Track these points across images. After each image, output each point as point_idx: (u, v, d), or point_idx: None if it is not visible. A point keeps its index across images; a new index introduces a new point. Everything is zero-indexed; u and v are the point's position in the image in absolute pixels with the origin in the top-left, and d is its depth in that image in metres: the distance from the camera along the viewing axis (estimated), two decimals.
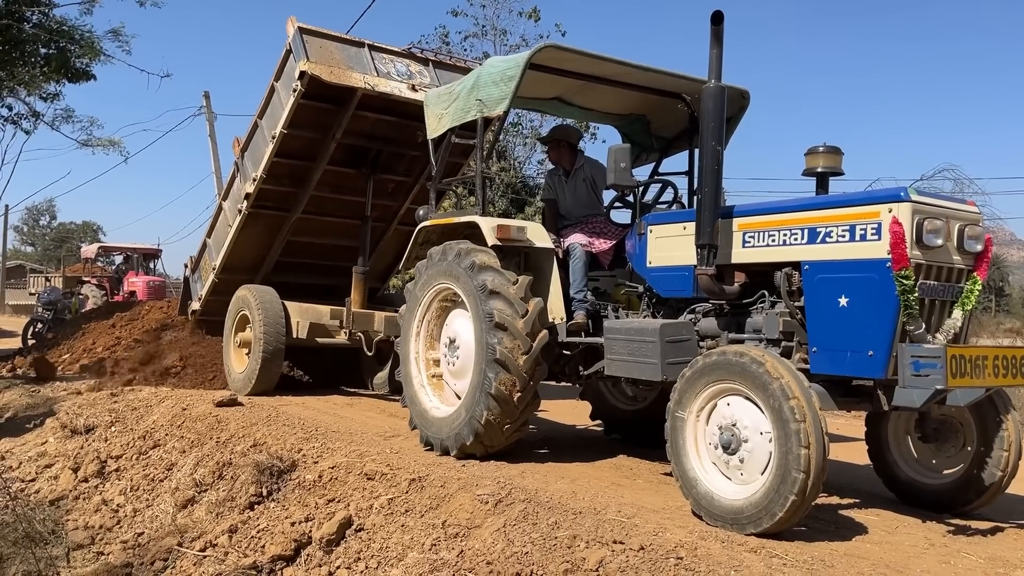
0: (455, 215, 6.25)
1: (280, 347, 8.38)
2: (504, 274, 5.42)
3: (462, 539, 4.07)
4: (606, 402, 7.03)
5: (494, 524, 4.05)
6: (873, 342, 4.19)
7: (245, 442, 6.19)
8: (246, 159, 8.99)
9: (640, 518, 4.14)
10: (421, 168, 9.16)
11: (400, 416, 7.58)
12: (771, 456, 3.97)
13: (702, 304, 5.17)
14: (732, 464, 4.21)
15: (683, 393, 4.41)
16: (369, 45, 8.37)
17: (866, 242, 4.26)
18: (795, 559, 3.67)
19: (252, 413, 7.03)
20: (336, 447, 5.61)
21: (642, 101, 6.59)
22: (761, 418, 4.06)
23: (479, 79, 5.86)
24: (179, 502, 5.88)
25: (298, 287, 9.23)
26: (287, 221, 9.14)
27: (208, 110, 22.04)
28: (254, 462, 5.54)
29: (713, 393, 4.31)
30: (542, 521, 3.96)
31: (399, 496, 4.66)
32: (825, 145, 4.94)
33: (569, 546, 3.67)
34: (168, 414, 7.42)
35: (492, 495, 4.32)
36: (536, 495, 4.38)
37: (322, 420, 6.92)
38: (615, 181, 5.26)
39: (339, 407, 8.06)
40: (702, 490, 4.29)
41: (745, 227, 4.86)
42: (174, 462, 6.55)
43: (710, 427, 4.34)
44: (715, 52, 4.71)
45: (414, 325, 6.20)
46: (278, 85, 8.42)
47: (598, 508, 4.27)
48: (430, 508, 4.45)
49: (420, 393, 6.09)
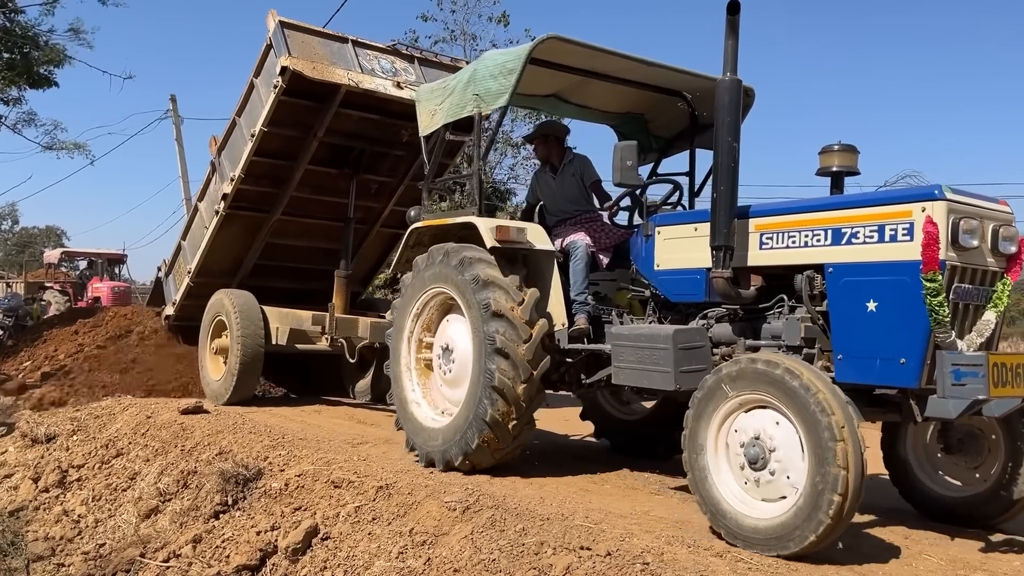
0: (450, 216, 5.90)
1: (259, 354, 8.05)
2: (510, 292, 5.10)
3: (429, 547, 4.02)
4: (602, 411, 6.74)
5: (462, 531, 4.00)
6: (905, 349, 3.91)
7: (210, 450, 6.08)
8: (223, 158, 8.64)
9: (607, 524, 4.09)
10: (406, 168, 8.91)
11: (368, 423, 7.56)
12: (803, 474, 3.69)
13: (714, 309, 4.87)
14: (758, 481, 3.90)
15: (704, 404, 4.09)
16: (353, 41, 8.06)
17: (897, 243, 3.97)
18: (760, 563, 3.62)
19: (218, 421, 6.90)
20: (303, 455, 5.51)
21: (641, 99, 6.34)
22: (791, 432, 3.77)
23: (476, 73, 5.55)
24: (142, 512, 5.77)
25: (276, 291, 8.93)
26: (266, 223, 8.80)
27: (175, 114, 21.68)
28: (219, 470, 5.43)
29: (738, 404, 4.00)
30: (510, 528, 3.90)
31: (366, 504, 4.57)
32: (840, 143, 4.70)
33: (536, 552, 3.64)
34: (132, 422, 7.25)
35: (460, 502, 4.27)
36: (504, 502, 4.32)
37: (289, 427, 6.80)
38: (621, 180, 4.96)
39: (307, 414, 7.91)
40: (723, 507, 3.97)
41: (763, 228, 4.57)
42: (137, 471, 6.42)
43: (733, 440, 4.03)
44: (731, 44, 4.43)
45: (404, 336, 5.85)
46: (258, 81, 8.09)
47: (566, 514, 4.22)
48: (397, 516, 4.38)
49: (415, 409, 5.73)
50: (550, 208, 6.20)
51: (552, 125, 6.41)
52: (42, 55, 13.75)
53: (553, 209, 6.17)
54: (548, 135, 6.29)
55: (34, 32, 13.76)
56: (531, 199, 6.41)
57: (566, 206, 6.10)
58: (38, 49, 13.69)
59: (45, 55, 13.76)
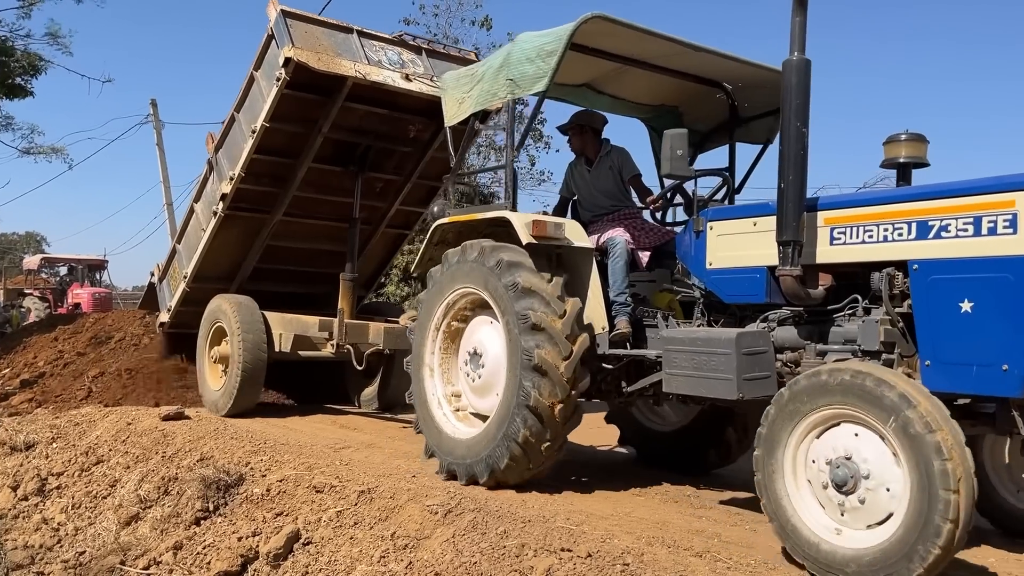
0: (480, 211, 5.46)
1: (261, 362, 7.60)
2: (551, 303, 4.70)
3: (411, 550, 3.99)
4: (635, 423, 6.24)
5: (443, 535, 3.98)
6: (1008, 354, 3.46)
7: (192, 456, 6.01)
8: (221, 157, 8.13)
9: (588, 525, 4.08)
10: (413, 166, 8.50)
11: (351, 428, 7.50)
12: (904, 499, 3.29)
13: (776, 311, 4.40)
14: (847, 506, 3.48)
15: (781, 419, 3.67)
16: (358, 31, 7.61)
17: (996, 236, 3.52)
18: (739, 562, 3.62)
19: (199, 427, 6.82)
20: (285, 460, 5.47)
21: (676, 91, 5.92)
22: (885, 451, 3.39)
23: (510, 57, 5.11)
24: (122, 519, 5.69)
25: (276, 296, 8.48)
26: (267, 224, 8.26)
27: (155, 118, 21.42)
28: (200, 476, 5.38)
29: (821, 419, 3.59)
30: (491, 530, 3.88)
31: (348, 508, 4.53)
32: (908, 132, 4.34)
33: (517, 555, 3.62)
34: (112, 429, 7.14)
35: (442, 505, 4.25)
36: (486, 504, 4.29)
37: (271, 433, 6.70)
38: (671, 171, 4.53)
39: (289, 419, 7.80)
40: (805, 536, 3.55)
41: (833, 222, 4.13)
42: (118, 478, 6.32)
43: (816, 460, 3.60)
44: (798, 20, 4.05)
45: (428, 336, 5.42)
46: (258, 75, 7.60)
47: (547, 516, 4.20)
48: (379, 520, 4.34)
49: (437, 414, 5.34)
50: (585, 203, 5.79)
51: (589, 115, 5.94)
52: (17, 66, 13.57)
53: (588, 204, 5.76)
54: (584, 125, 5.84)
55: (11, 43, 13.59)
56: (565, 193, 5.98)
57: (602, 201, 5.69)
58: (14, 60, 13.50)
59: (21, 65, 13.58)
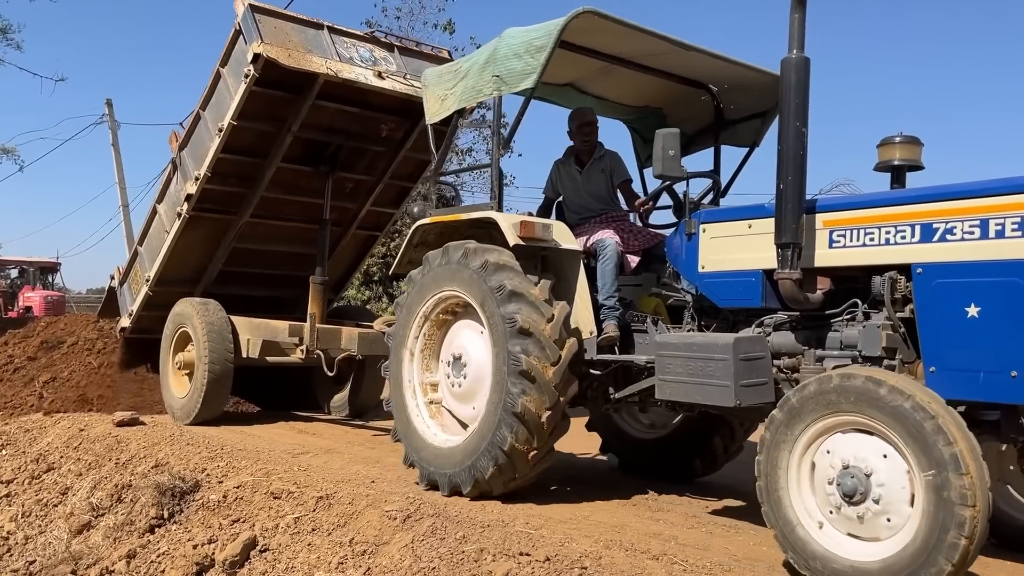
0: (464, 211, 5.28)
1: (228, 368, 7.37)
2: (539, 307, 4.56)
3: (369, 556, 3.95)
4: (614, 426, 6.05)
5: (402, 540, 3.95)
6: (1017, 360, 3.36)
7: (146, 463, 5.89)
8: (186, 156, 7.83)
9: (547, 529, 4.07)
10: (385, 166, 8.29)
11: (310, 433, 7.42)
12: (917, 512, 3.19)
13: (771, 316, 4.27)
14: (868, 516, 3.35)
15: (787, 424, 3.54)
16: (329, 27, 7.38)
17: (1004, 239, 3.41)
18: (695, 564, 3.64)
19: (154, 433, 6.70)
20: (242, 466, 5.40)
21: (660, 92, 5.79)
22: (899, 462, 3.28)
23: (496, 52, 4.95)
24: (74, 528, 5.57)
25: (243, 300, 8.22)
26: (234, 225, 7.95)
27: (111, 118, 21.08)
28: (155, 483, 5.29)
29: (828, 427, 3.47)
30: (450, 535, 3.86)
31: (306, 514, 4.48)
32: (902, 135, 4.24)
33: (476, 559, 3.61)
34: (64, 435, 6.97)
35: (400, 511, 4.21)
36: (445, 509, 4.27)
37: (228, 438, 6.57)
38: (664, 171, 4.37)
39: (247, 425, 7.76)
40: (811, 548, 3.44)
41: (833, 224, 4.00)
42: (69, 486, 6.17)
43: (823, 470, 3.48)
44: (797, 17, 3.94)
45: (408, 340, 5.23)
46: (225, 71, 7.32)
47: (506, 520, 4.17)
48: (338, 526, 4.29)
49: (417, 421, 5.15)
50: (571, 205, 5.61)
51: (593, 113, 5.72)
52: None
53: (575, 206, 5.58)
54: (593, 123, 5.61)
55: None
56: (550, 193, 5.76)
57: (591, 203, 5.52)
58: None
59: None
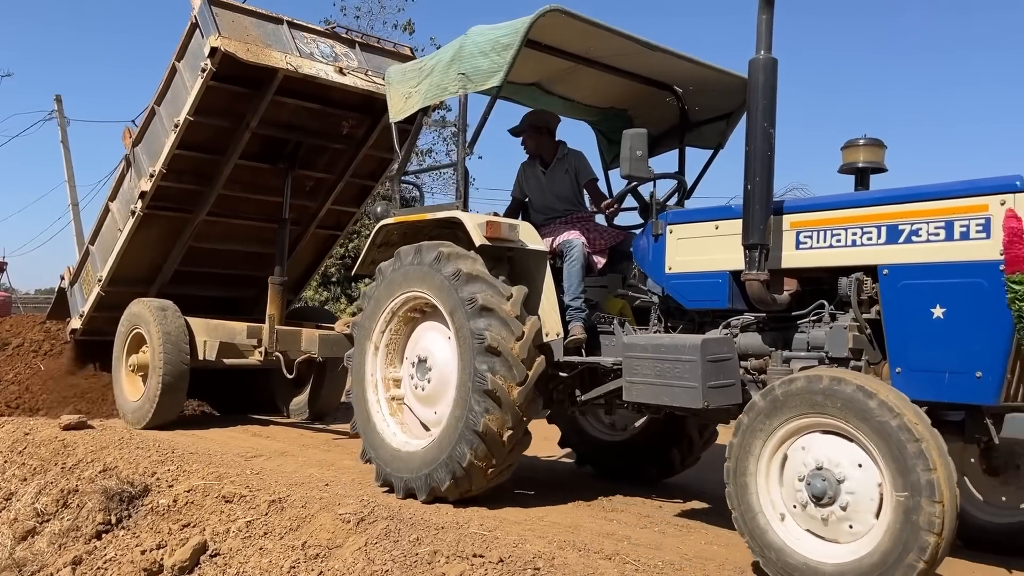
0: (429, 211, 5.21)
1: (184, 371, 7.20)
2: (498, 287, 4.56)
3: (322, 560, 3.91)
4: (581, 430, 6.01)
5: (355, 543, 3.91)
6: (982, 361, 3.37)
7: (94, 467, 5.74)
8: (140, 152, 7.63)
9: (501, 530, 4.09)
10: (345, 163, 8.15)
11: (263, 436, 7.31)
12: (886, 512, 3.19)
13: (739, 317, 4.26)
14: (831, 519, 3.35)
15: (755, 428, 3.52)
16: (288, 22, 7.25)
17: (969, 241, 3.44)
18: (647, 564, 3.68)
19: (103, 436, 6.52)
20: (193, 469, 5.30)
21: (625, 93, 5.78)
22: (867, 463, 3.27)
23: (462, 50, 4.91)
24: (18, 534, 5.45)
25: (199, 300, 8.06)
26: (190, 224, 7.79)
27: (60, 115, 20.61)
28: (102, 488, 5.18)
29: (798, 428, 3.46)
30: (404, 538, 3.85)
31: (258, 518, 4.40)
32: (866, 137, 4.26)
33: (429, 562, 3.60)
34: (8, 440, 6.75)
35: (354, 514, 4.18)
36: (399, 512, 4.26)
37: (179, 441, 6.47)
38: (631, 171, 4.34)
39: (199, 427, 7.58)
40: (770, 538, 3.46)
41: (800, 225, 4.00)
42: (13, 491, 6.00)
43: (792, 472, 3.46)
44: (765, 18, 3.95)
45: (371, 340, 5.15)
46: (181, 65, 7.14)
47: (460, 523, 4.19)
48: (290, 529, 4.24)
49: (376, 417, 5.10)
50: (537, 205, 5.61)
51: (543, 115, 5.73)
52: None
53: (541, 207, 5.58)
54: (539, 127, 5.65)
55: None
56: (517, 194, 5.77)
57: (556, 204, 5.52)
58: None
59: None
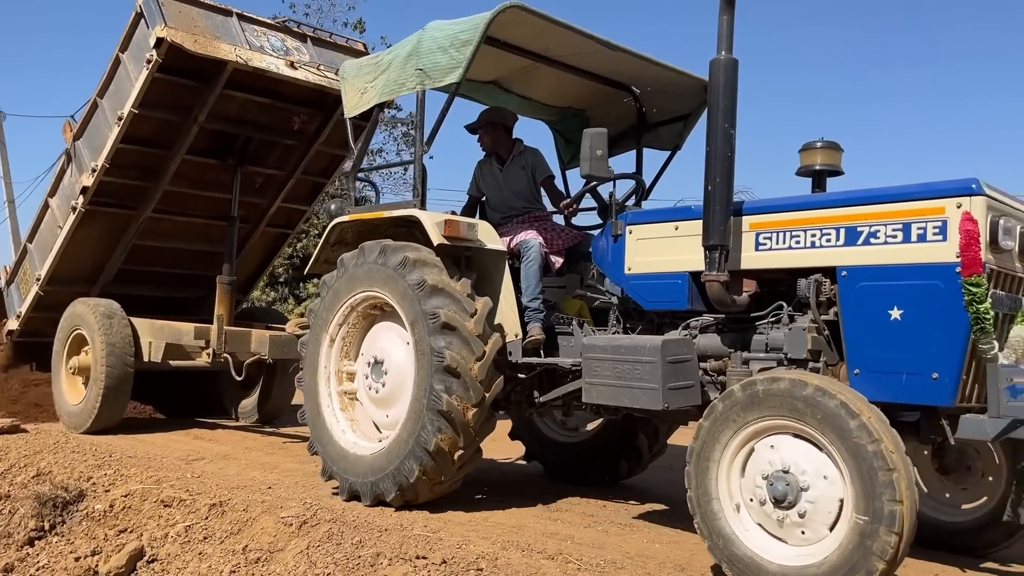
0: (385, 208, 5.12)
1: (128, 373, 7.04)
2: (462, 302, 4.49)
3: (263, 564, 3.86)
4: (536, 432, 5.97)
5: (297, 547, 3.86)
6: (939, 363, 3.39)
7: (27, 472, 5.59)
8: (81, 146, 7.41)
9: (446, 532, 4.09)
10: (296, 160, 7.98)
11: (205, 439, 7.20)
12: (848, 512, 3.18)
13: (698, 318, 4.25)
14: (786, 521, 3.32)
15: (714, 433, 3.49)
16: (238, 14, 7.09)
17: (926, 243, 3.47)
18: (589, 563, 3.72)
19: (37, 440, 6.32)
20: (131, 473, 5.17)
21: (583, 93, 5.76)
22: (826, 463, 3.25)
23: (420, 45, 4.82)
24: None
25: (144, 300, 7.88)
26: (134, 221, 7.59)
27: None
28: (35, 494, 5.03)
29: (769, 428, 3.41)
30: (346, 541, 3.79)
31: (198, 523, 4.33)
32: (823, 140, 4.28)
33: (372, 564, 3.56)
34: None
35: (297, 517, 4.13)
36: (342, 515, 4.21)
37: (118, 445, 6.32)
38: (591, 171, 4.30)
39: (139, 430, 7.43)
40: (720, 525, 3.46)
41: (759, 226, 4.00)
42: None
43: (753, 474, 3.44)
44: (726, 19, 3.94)
45: (328, 332, 5.07)
46: (125, 56, 6.95)
47: (404, 524, 4.18)
48: (231, 533, 4.17)
49: (328, 416, 5.02)
50: (494, 204, 5.54)
51: (499, 112, 5.66)
52: None
53: (498, 205, 5.51)
54: (496, 123, 5.58)
55: None
56: (473, 192, 5.69)
57: (514, 202, 5.46)
58: None
59: None
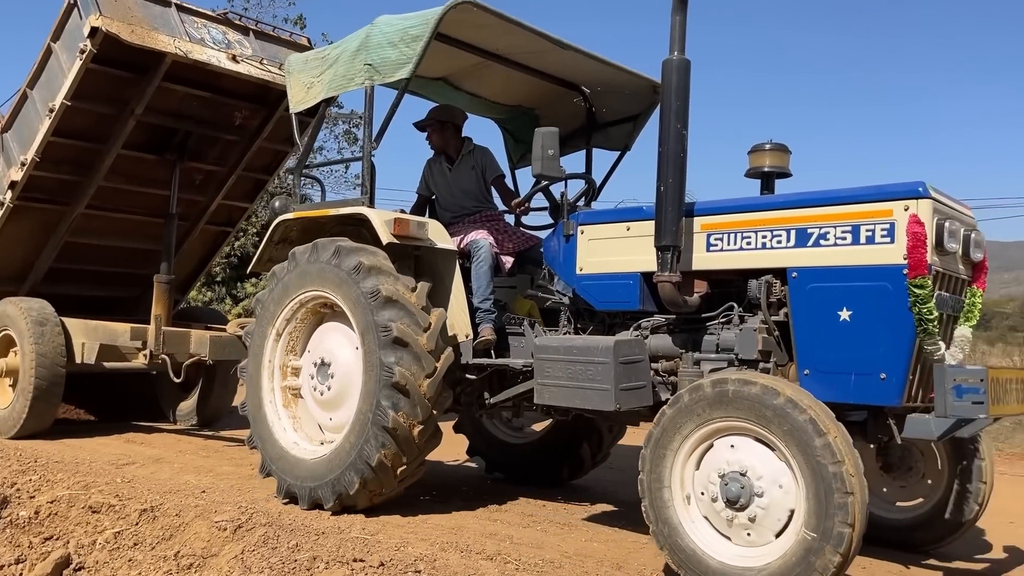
0: (332, 206, 5.02)
1: (59, 375, 6.81)
2: (416, 315, 4.40)
3: (196, 570, 3.75)
4: (482, 430, 5.90)
5: (232, 551, 3.77)
6: (886, 363, 3.44)
7: None
8: (10, 139, 7.15)
9: (384, 534, 4.05)
10: (238, 156, 7.74)
11: (137, 442, 7.05)
12: (800, 509, 3.19)
13: (649, 319, 4.25)
14: (735, 522, 3.32)
15: (677, 422, 3.47)
16: (176, 5, 6.85)
17: (874, 245, 3.51)
18: (527, 563, 3.72)
19: None
20: (58, 479, 5.03)
21: (533, 92, 5.72)
22: (775, 460, 3.27)
23: (369, 40, 4.74)
24: None
25: (77, 300, 7.62)
26: (66, 217, 7.32)
27: None
28: None
29: (708, 433, 3.42)
30: (283, 545, 3.74)
31: (128, 529, 4.19)
32: (772, 142, 4.32)
33: (309, 568, 3.50)
34: None
35: (231, 521, 4.02)
36: (279, 518, 4.14)
37: (44, 449, 6.11)
38: (543, 171, 4.27)
39: (68, 435, 7.20)
40: (667, 514, 3.47)
41: (711, 227, 4.00)
42: None
43: (705, 476, 3.43)
44: (678, 19, 3.93)
45: (274, 326, 4.96)
46: (57, 46, 6.68)
47: (342, 527, 4.12)
48: (162, 539, 4.05)
49: (270, 412, 4.95)
50: (444, 203, 5.48)
51: (450, 110, 5.59)
52: None
53: (448, 204, 5.45)
54: (445, 121, 5.50)
55: None
56: (423, 191, 5.61)
57: (464, 201, 5.40)
58: None
59: None
